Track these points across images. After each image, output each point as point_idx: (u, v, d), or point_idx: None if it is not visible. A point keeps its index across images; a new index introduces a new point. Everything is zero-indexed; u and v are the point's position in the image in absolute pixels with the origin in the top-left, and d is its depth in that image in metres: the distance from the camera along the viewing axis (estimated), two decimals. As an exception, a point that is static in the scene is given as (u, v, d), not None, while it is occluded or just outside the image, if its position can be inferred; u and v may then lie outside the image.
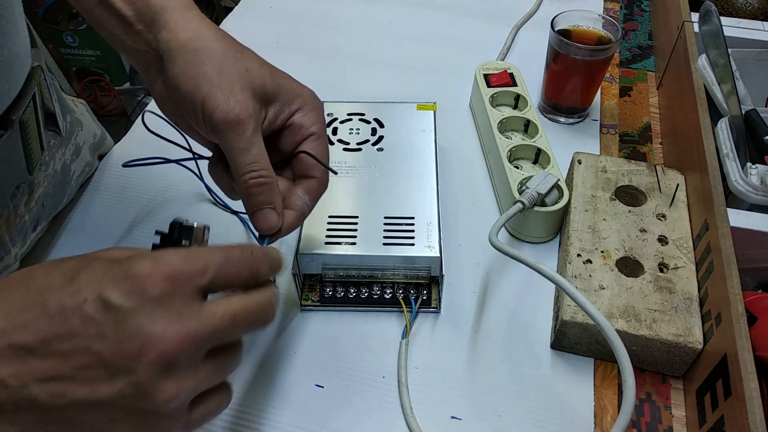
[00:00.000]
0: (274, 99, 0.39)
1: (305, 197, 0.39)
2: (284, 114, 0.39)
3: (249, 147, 0.36)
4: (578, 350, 0.48)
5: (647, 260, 0.49)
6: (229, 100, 0.36)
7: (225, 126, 0.36)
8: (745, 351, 0.38)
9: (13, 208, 0.49)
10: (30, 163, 0.49)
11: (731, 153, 0.52)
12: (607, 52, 0.63)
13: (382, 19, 0.85)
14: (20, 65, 0.46)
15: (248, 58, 0.38)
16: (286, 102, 0.39)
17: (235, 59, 0.37)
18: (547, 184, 0.53)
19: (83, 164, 0.60)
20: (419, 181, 0.54)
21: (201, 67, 0.36)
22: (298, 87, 0.40)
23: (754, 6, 0.71)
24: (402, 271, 0.49)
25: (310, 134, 0.40)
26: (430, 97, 0.66)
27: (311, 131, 0.40)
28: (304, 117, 0.40)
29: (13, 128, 0.45)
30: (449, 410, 0.45)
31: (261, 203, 0.37)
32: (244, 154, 0.36)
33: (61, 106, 0.55)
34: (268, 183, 0.37)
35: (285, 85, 0.39)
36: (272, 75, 0.39)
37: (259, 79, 0.37)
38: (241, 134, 0.36)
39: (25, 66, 0.47)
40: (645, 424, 0.44)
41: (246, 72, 0.37)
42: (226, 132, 0.36)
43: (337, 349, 0.48)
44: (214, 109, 0.35)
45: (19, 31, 0.45)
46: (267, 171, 0.37)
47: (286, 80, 0.40)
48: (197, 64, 0.36)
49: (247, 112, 0.36)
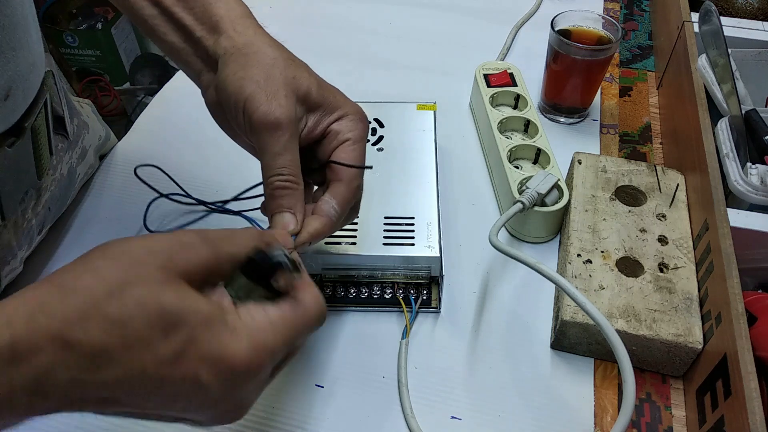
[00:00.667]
0: (317, 107, 0.39)
1: (332, 201, 0.39)
2: (324, 122, 0.39)
3: (282, 151, 0.37)
4: (578, 350, 0.48)
5: (647, 260, 0.49)
6: (271, 103, 0.36)
7: (263, 127, 0.36)
8: (745, 351, 0.38)
9: (21, 213, 0.48)
10: (40, 169, 0.49)
11: (731, 153, 0.52)
12: (607, 52, 0.63)
13: (382, 19, 0.85)
14: (36, 74, 0.46)
15: (299, 66, 0.39)
16: (329, 111, 0.39)
17: (285, 66, 0.38)
18: (547, 184, 0.53)
19: (87, 167, 0.60)
20: (419, 181, 0.54)
21: (250, 70, 0.37)
22: (343, 100, 0.41)
23: (754, 6, 0.71)
24: (402, 271, 0.49)
25: (345, 140, 0.40)
26: (430, 97, 0.66)
27: (347, 137, 0.40)
28: (342, 124, 0.40)
29: (25, 135, 0.45)
30: (449, 410, 0.45)
31: (281, 206, 0.37)
32: (276, 157, 0.37)
33: (69, 109, 0.55)
34: (293, 188, 0.37)
35: (330, 96, 0.40)
36: (320, 85, 0.39)
37: (305, 86, 0.38)
38: (277, 138, 0.36)
39: (39, 74, 0.47)
40: (645, 424, 0.44)
41: (293, 79, 0.38)
42: (263, 133, 0.36)
43: (337, 349, 0.48)
44: (255, 110, 0.36)
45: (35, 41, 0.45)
46: (295, 177, 0.37)
47: (334, 93, 0.40)
48: (247, 66, 0.37)
49: (288, 117, 0.36)
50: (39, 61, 0.46)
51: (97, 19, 1.57)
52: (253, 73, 0.37)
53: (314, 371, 0.47)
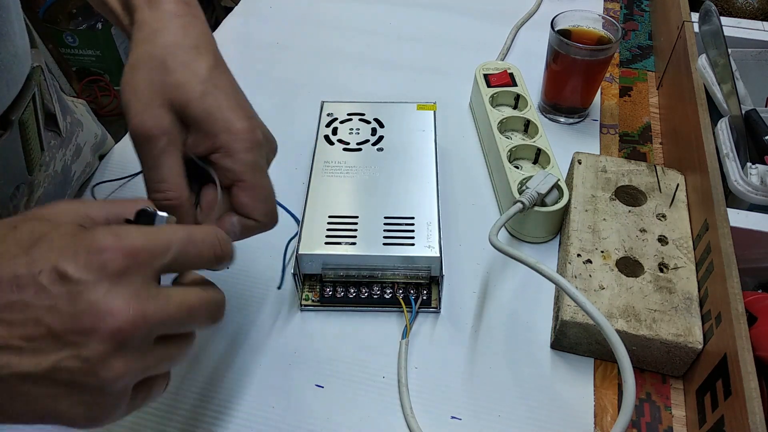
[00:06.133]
0: (194, 125, 0.35)
1: (237, 227, 0.37)
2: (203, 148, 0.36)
3: (157, 165, 0.34)
4: (578, 350, 0.48)
5: (647, 260, 0.49)
6: (143, 113, 0.34)
7: (135, 138, 0.34)
8: (745, 351, 0.38)
9: (12, 209, 0.49)
10: (30, 164, 0.49)
11: (731, 153, 0.52)
12: (607, 52, 0.63)
13: (382, 19, 0.85)
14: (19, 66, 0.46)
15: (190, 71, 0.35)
16: (210, 134, 0.35)
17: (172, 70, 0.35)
18: (547, 184, 0.53)
19: (84, 165, 0.60)
20: (419, 181, 0.54)
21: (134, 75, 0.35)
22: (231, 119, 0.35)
23: (754, 6, 0.71)
24: (402, 271, 0.49)
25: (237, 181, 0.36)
26: (430, 97, 0.66)
27: (237, 178, 0.36)
28: (224, 159, 0.35)
29: (13, 128, 0.45)
30: (449, 410, 0.45)
31: None
32: (151, 170, 0.35)
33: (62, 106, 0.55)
34: (175, 203, 0.35)
35: (216, 113, 0.35)
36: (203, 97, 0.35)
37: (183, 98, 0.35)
38: (151, 150, 0.34)
39: (24, 66, 0.47)
40: (645, 424, 0.44)
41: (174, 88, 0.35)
42: (137, 144, 0.35)
43: (337, 349, 0.48)
44: (129, 120, 0.34)
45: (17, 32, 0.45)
46: (174, 193, 0.35)
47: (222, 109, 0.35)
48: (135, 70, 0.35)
49: (160, 129, 0.34)
50: (22, 53, 0.46)
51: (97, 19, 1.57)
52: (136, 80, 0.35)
53: (314, 371, 0.47)
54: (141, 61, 0.35)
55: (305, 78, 0.75)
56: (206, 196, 0.37)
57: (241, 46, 0.80)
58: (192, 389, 0.45)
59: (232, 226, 0.36)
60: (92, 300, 0.26)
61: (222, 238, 0.32)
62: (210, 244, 0.31)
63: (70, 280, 0.26)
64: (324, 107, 0.61)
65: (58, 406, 0.27)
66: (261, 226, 0.37)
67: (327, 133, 0.58)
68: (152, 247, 0.29)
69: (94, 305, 0.26)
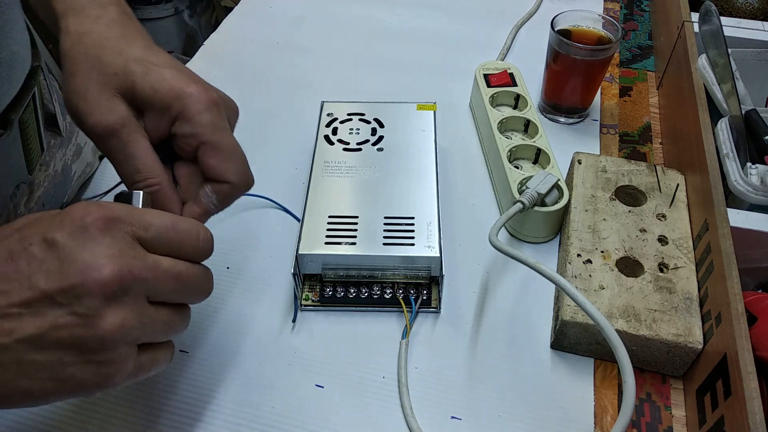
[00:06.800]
0: (147, 105, 0.35)
1: (212, 196, 0.36)
2: (163, 124, 0.35)
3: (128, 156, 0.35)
4: (578, 350, 0.48)
5: (647, 260, 0.49)
6: (96, 111, 0.34)
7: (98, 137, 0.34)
8: (745, 351, 0.38)
9: (13, 208, 0.49)
10: (30, 163, 0.49)
11: (731, 153, 0.52)
12: (607, 52, 0.63)
13: (382, 19, 0.85)
14: (20, 64, 0.46)
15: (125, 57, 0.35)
16: (163, 108, 0.35)
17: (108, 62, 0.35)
18: (547, 184, 0.53)
19: (84, 165, 0.60)
20: (419, 181, 0.54)
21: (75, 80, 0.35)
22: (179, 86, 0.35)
23: (754, 6, 0.71)
24: (402, 271, 0.49)
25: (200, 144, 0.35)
26: (430, 97, 0.66)
27: (200, 140, 0.35)
28: (183, 125, 0.35)
29: (13, 128, 0.45)
30: (449, 410, 0.45)
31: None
32: (124, 163, 0.35)
33: (61, 106, 0.55)
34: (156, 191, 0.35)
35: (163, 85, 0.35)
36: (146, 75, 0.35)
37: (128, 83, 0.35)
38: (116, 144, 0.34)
39: (25, 65, 0.47)
40: (645, 424, 0.44)
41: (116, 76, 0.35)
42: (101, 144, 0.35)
43: (337, 349, 0.48)
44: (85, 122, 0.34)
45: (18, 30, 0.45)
46: (155, 179, 0.35)
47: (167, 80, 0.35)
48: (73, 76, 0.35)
49: (119, 119, 0.34)
50: (23, 51, 0.46)
51: (97, 19, 1.57)
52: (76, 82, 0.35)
53: (314, 371, 0.47)
54: (76, 65, 0.35)
55: (305, 78, 0.75)
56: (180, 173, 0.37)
57: (241, 46, 0.80)
58: (191, 389, 0.45)
59: (207, 196, 0.36)
60: (78, 258, 0.28)
61: (204, 235, 0.33)
62: (193, 236, 0.33)
63: (57, 246, 0.28)
64: (324, 107, 0.61)
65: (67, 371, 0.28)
66: (235, 188, 0.37)
67: (327, 133, 0.58)
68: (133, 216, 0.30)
69: (80, 263, 0.28)
